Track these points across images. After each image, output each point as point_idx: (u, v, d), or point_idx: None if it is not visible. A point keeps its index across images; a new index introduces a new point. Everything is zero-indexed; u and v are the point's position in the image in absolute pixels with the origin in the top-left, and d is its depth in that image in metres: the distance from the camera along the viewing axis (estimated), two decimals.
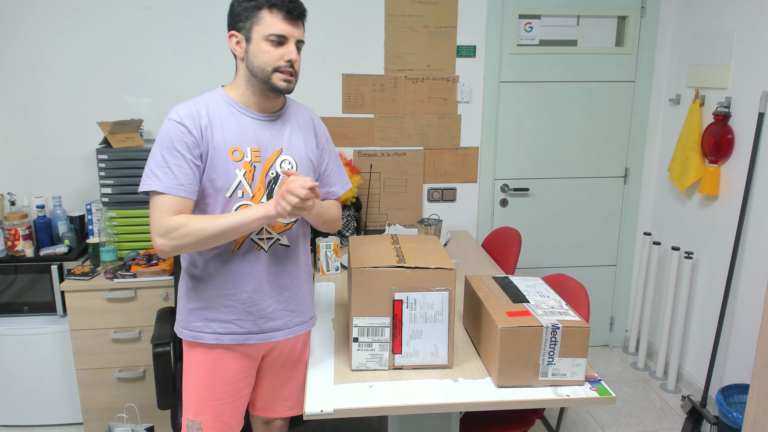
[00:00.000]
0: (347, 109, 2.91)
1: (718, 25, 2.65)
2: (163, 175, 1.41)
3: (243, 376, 1.61)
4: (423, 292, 1.53)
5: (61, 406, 2.53)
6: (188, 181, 1.43)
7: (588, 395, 1.47)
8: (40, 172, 2.75)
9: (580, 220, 3.20)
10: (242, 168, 1.48)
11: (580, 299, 1.97)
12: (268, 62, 1.43)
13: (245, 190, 1.48)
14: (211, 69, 2.76)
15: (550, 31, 2.97)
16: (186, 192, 1.43)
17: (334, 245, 2.37)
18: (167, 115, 1.45)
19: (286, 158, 1.54)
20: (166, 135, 1.43)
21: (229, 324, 1.54)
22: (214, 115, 1.47)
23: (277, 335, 1.60)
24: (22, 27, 2.61)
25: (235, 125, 1.48)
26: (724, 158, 2.61)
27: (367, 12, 2.82)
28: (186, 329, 1.57)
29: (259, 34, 1.42)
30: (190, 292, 1.56)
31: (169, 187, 1.41)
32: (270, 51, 1.43)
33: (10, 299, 2.46)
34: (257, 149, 1.50)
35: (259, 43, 1.42)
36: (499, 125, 3.03)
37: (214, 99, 1.50)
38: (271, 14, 1.41)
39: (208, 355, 1.57)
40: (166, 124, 1.44)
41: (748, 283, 2.50)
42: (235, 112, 1.49)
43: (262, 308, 1.56)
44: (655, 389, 2.93)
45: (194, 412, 1.59)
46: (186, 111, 1.44)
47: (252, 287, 1.54)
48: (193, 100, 1.49)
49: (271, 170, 1.52)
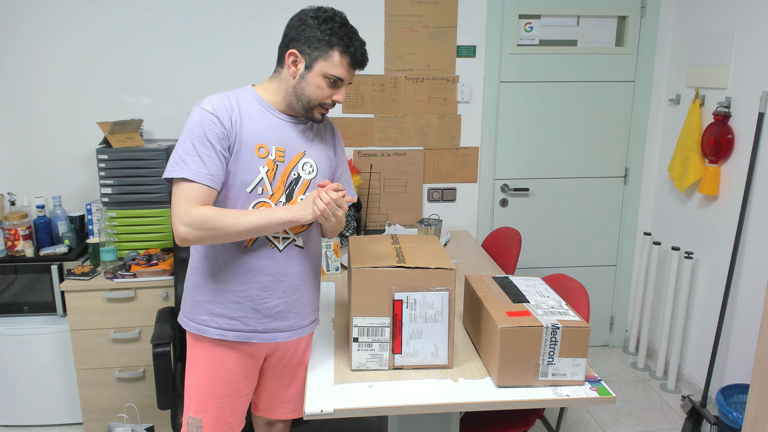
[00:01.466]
0: (347, 109, 2.91)
1: (718, 25, 2.65)
2: (193, 164, 1.41)
3: (244, 376, 1.61)
4: (423, 292, 1.53)
5: (61, 406, 2.54)
6: (216, 171, 1.43)
7: (588, 395, 1.47)
8: (40, 172, 2.75)
9: (580, 220, 3.20)
10: (266, 165, 1.48)
11: (580, 299, 1.97)
12: (318, 97, 1.47)
13: (265, 188, 1.49)
14: (211, 69, 2.76)
15: (550, 31, 2.97)
16: (214, 182, 1.43)
17: (334, 245, 2.37)
18: (198, 104, 1.45)
19: (308, 161, 1.55)
20: (197, 124, 1.42)
21: (235, 321, 1.54)
22: (245, 109, 1.48)
23: (281, 336, 1.60)
24: (22, 27, 2.60)
25: (263, 122, 1.50)
26: (724, 158, 2.61)
27: (367, 12, 2.82)
28: (191, 321, 1.57)
29: (321, 69, 1.45)
30: (199, 285, 1.56)
31: (198, 176, 1.41)
32: (324, 88, 1.46)
33: (10, 299, 2.46)
34: (282, 149, 1.51)
35: (317, 76, 1.45)
36: (499, 125, 3.03)
37: (245, 95, 1.51)
38: (340, 57, 1.44)
39: (211, 353, 1.57)
40: (197, 113, 1.43)
41: (748, 283, 2.50)
42: (263, 110, 1.51)
43: (270, 307, 1.56)
44: (655, 389, 2.93)
45: (195, 410, 1.59)
46: (219, 102, 1.45)
47: (262, 284, 1.54)
48: (224, 92, 1.50)
49: (293, 171, 1.53)
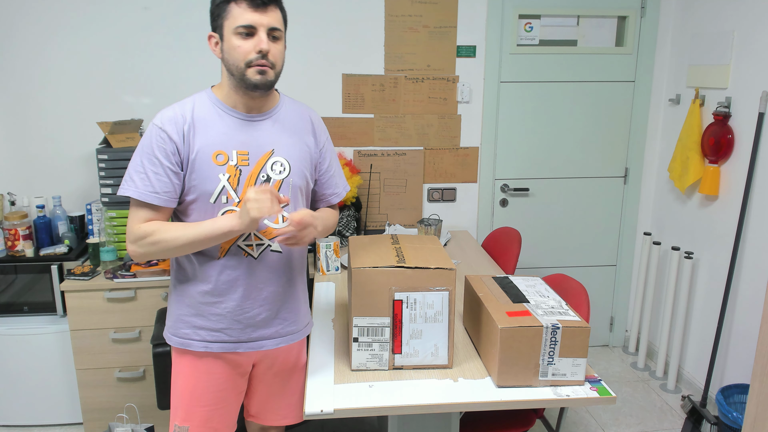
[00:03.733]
0: (347, 109, 2.91)
1: (718, 25, 2.65)
2: (139, 181, 1.39)
3: (232, 384, 1.58)
4: (423, 292, 1.53)
5: (61, 406, 2.53)
6: (164, 189, 1.40)
7: (588, 395, 1.47)
8: (40, 172, 2.75)
9: (580, 220, 3.20)
10: (226, 172, 1.42)
11: (580, 299, 1.97)
12: (239, 57, 1.37)
13: (230, 195, 1.43)
14: (211, 69, 2.76)
15: (550, 31, 2.97)
16: (160, 200, 1.40)
17: (334, 245, 2.36)
18: (153, 119, 1.43)
19: (278, 159, 1.48)
20: (147, 140, 1.40)
21: (218, 333, 1.51)
22: (199, 117, 1.43)
23: (267, 344, 1.56)
24: (22, 27, 2.60)
25: (220, 127, 1.43)
26: (724, 158, 2.61)
27: (367, 12, 2.82)
28: (174, 335, 1.54)
29: (229, 29, 1.36)
30: (179, 299, 1.53)
31: (143, 194, 1.39)
32: (240, 45, 1.36)
33: (10, 299, 2.46)
34: (245, 152, 1.44)
35: (230, 38, 1.36)
36: (499, 125, 3.03)
37: (201, 100, 1.46)
38: (237, 5, 1.35)
39: (196, 363, 1.53)
40: (149, 129, 1.42)
41: (748, 283, 2.50)
42: (221, 113, 1.44)
43: (251, 316, 1.52)
44: (655, 389, 2.93)
45: (182, 418, 1.56)
46: (169, 116, 1.41)
47: (240, 295, 1.49)
48: (179, 103, 1.46)
49: (261, 173, 1.46)
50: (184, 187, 1.43)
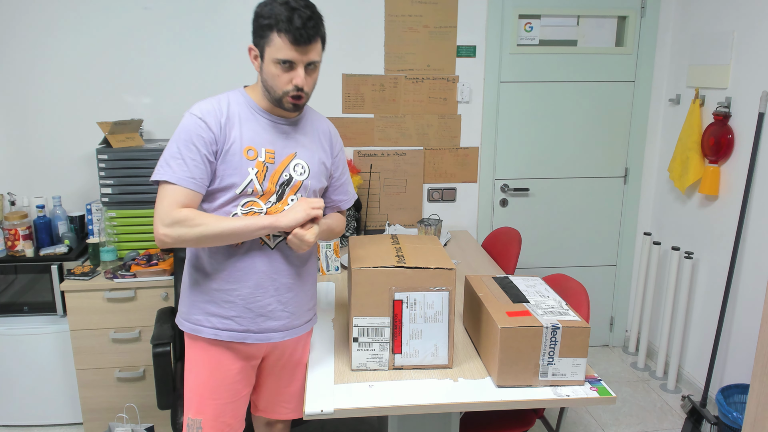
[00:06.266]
0: (347, 109, 2.91)
1: (718, 25, 2.65)
2: (176, 167, 1.43)
3: (242, 377, 1.61)
4: (423, 292, 1.53)
5: (61, 406, 2.53)
6: (200, 175, 1.44)
7: (588, 395, 1.47)
8: (40, 172, 2.75)
9: (580, 220, 3.20)
10: (255, 167, 1.49)
11: (580, 299, 1.97)
12: (278, 86, 1.45)
13: (255, 189, 1.50)
14: (211, 69, 2.76)
15: (550, 31, 2.97)
16: (196, 185, 1.44)
17: (334, 245, 2.37)
18: (189, 110, 1.48)
19: (299, 162, 1.56)
20: (184, 128, 1.45)
21: (229, 320, 1.55)
22: (234, 113, 1.50)
23: (275, 336, 1.59)
24: (22, 27, 2.60)
25: (253, 125, 1.51)
26: (724, 158, 2.61)
27: (367, 12, 2.82)
28: (186, 321, 1.59)
29: (270, 55, 1.42)
30: (193, 285, 1.57)
31: (181, 179, 1.42)
32: (279, 75, 1.43)
33: (10, 299, 2.46)
34: (272, 151, 1.52)
35: (270, 64, 1.43)
36: (499, 125, 3.03)
37: (236, 98, 1.53)
38: (279, 38, 1.40)
39: (208, 353, 1.57)
40: (186, 118, 1.46)
41: (748, 283, 2.50)
42: (254, 113, 1.52)
43: (262, 305, 1.56)
44: (655, 389, 2.93)
45: (195, 411, 1.59)
46: (207, 107, 1.47)
47: (254, 283, 1.54)
48: (215, 97, 1.51)
49: (284, 173, 1.53)
50: (213, 176, 1.49)
